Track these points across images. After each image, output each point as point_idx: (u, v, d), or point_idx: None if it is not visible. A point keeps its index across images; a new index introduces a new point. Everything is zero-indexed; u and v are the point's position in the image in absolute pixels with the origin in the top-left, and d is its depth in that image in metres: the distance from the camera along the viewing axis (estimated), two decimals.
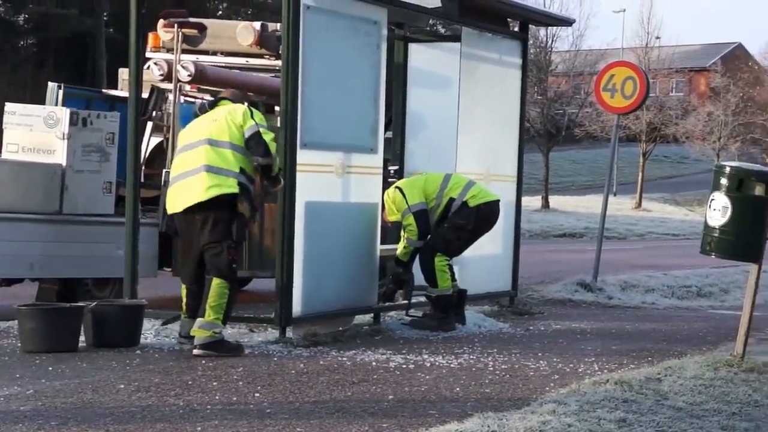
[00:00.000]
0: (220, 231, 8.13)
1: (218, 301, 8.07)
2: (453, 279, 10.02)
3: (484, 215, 10.13)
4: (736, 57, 67.64)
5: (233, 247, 8.20)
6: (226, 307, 8.13)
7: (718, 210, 7.78)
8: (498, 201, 10.30)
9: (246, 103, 8.55)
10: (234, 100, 8.51)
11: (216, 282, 8.09)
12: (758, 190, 7.74)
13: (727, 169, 7.83)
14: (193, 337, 8.15)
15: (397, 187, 10.16)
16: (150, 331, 8.91)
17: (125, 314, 8.50)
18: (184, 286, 8.48)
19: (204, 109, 8.52)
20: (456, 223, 10.02)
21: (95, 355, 7.94)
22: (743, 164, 8.14)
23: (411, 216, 9.92)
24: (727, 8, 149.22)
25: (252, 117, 8.22)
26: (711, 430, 6.05)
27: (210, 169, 8.12)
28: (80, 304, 8.47)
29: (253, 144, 8.14)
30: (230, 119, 8.22)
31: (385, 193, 10.10)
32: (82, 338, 8.30)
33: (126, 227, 9.43)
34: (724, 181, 7.79)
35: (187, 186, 8.21)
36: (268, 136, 8.16)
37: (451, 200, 10.02)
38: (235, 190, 8.11)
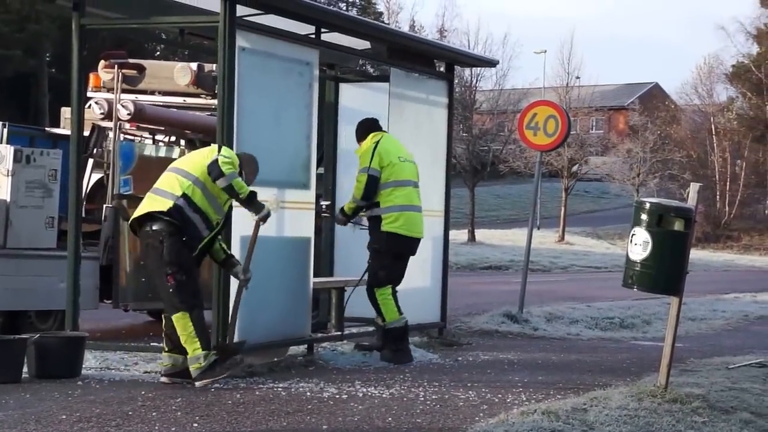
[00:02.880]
0: (154, 258, 8.25)
1: (185, 334, 8.18)
2: (399, 309, 10.17)
3: (394, 243, 10.22)
4: (653, 96, 68.66)
5: (171, 273, 8.23)
6: (198, 334, 8.20)
7: (639, 245, 7.82)
8: (412, 238, 10.32)
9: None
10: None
11: (175, 318, 8.21)
12: (677, 225, 7.82)
13: (647, 205, 7.90)
14: (174, 374, 8.33)
15: (376, 143, 10.25)
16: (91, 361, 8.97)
17: (67, 346, 8.54)
18: (163, 315, 8.53)
19: None
20: (373, 247, 10.27)
21: (38, 386, 7.96)
22: (663, 200, 8.25)
23: (365, 175, 10.14)
24: (644, 50, 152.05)
25: (219, 151, 8.40)
26: None
27: (154, 191, 8.37)
28: (24, 336, 8.51)
29: (210, 170, 8.28)
30: (198, 152, 8.51)
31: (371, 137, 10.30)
32: (25, 369, 8.32)
33: (68, 261, 9.50)
34: (644, 216, 7.84)
35: (142, 202, 8.49)
36: (223, 160, 8.28)
37: (378, 204, 10.22)
38: (163, 208, 8.20)
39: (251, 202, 8.51)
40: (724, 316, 17.18)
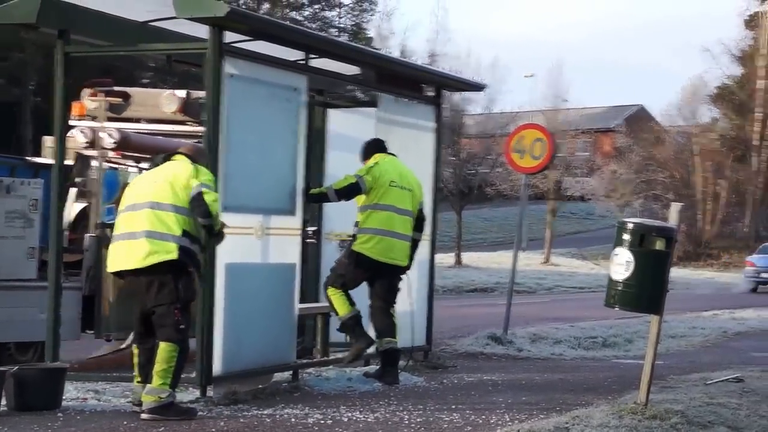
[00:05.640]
0: (165, 294, 8.00)
1: (164, 366, 7.93)
2: (352, 303, 10.22)
3: (360, 264, 10.22)
4: (638, 118, 68.82)
5: (180, 308, 8.04)
6: (174, 372, 7.96)
7: (622, 264, 7.84)
8: (382, 263, 10.26)
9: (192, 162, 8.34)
10: (193, 157, 8.39)
11: (163, 346, 7.96)
12: (659, 245, 7.86)
13: (630, 225, 7.92)
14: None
15: (376, 162, 10.30)
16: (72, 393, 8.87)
17: (47, 377, 8.38)
18: (134, 345, 8.38)
19: (156, 163, 8.46)
20: (341, 259, 10.38)
21: (17, 419, 7.80)
22: (645, 220, 8.29)
23: (354, 178, 10.20)
24: (631, 72, 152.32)
25: (197, 176, 8.13)
26: None
27: (150, 235, 8.00)
28: (2, 368, 8.31)
29: (195, 205, 8.04)
30: (173, 180, 8.11)
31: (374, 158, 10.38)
32: (3, 402, 8.16)
33: (49, 291, 9.41)
34: (626, 236, 7.86)
35: (128, 248, 8.09)
36: (210, 197, 8.07)
37: (357, 223, 10.28)
38: (174, 256, 7.97)
39: (219, 236, 8.37)
40: (704, 333, 17.44)
